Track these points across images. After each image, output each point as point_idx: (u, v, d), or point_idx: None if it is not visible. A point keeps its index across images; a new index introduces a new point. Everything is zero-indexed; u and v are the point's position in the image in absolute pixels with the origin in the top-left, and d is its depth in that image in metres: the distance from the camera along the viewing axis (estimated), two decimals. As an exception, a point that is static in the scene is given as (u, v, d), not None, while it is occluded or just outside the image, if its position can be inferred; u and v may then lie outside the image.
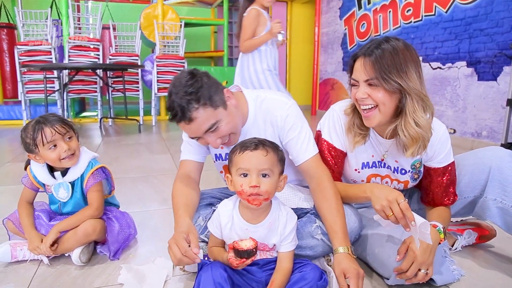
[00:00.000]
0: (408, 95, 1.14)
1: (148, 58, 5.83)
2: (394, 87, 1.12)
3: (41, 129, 1.33)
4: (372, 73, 1.13)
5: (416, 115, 1.14)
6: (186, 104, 1.12)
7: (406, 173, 1.32)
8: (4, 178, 2.64)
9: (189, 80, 1.15)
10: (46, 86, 4.66)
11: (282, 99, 1.34)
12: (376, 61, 1.13)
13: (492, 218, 1.28)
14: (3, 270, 1.35)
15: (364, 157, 1.34)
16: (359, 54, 1.18)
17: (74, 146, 1.39)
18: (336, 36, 6.05)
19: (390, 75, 1.11)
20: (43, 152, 1.35)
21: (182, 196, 1.29)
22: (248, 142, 1.08)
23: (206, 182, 2.43)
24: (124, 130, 4.89)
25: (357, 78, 1.18)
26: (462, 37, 3.71)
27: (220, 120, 1.18)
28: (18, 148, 3.65)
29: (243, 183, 1.04)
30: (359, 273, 1.10)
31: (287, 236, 1.12)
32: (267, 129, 1.33)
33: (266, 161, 1.04)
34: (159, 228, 1.74)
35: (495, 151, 1.30)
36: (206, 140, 1.22)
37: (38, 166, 1.42)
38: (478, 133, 3.61)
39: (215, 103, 1.16)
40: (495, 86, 3.40)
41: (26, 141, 1.36)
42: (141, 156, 3.35)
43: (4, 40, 5.66)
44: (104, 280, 1.29)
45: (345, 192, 1.30)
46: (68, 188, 1.44)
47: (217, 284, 0.99)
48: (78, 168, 1.43)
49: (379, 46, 1.14)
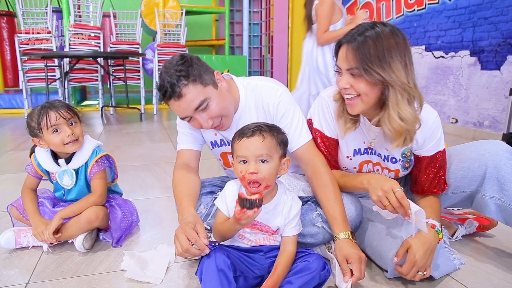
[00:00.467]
0: (391, 87, 1.09)
1: (149, 47, 5.80)
2: (376, 79, 1.08)
3: (46, 113, 1.35)
4: (354, 62, 1.09)
5: (399, 108, 1.10)
6: (176, 81, 1.14)
7: (396, 162, 1.31)
8: (7, 166, 2.65)
9: (180, 61, 1.17)
10: (47, 74, 4.65)
11: (274, 86, 1.34)
12: (357, 50, 1.08)
13: (491, 214, 1.26)
14: (8, 256, 1.37)
15: (355, 144, 1.32)
16: (343, 41, 1.13)
17: (77, 132, 1.40)
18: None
19: (372, 65, 1.07)
20: (47, 136, 1.36)
21: (184, 186, 1.29)
22: (245, 128, 1.09)
23: (209, 171, 2.45)
24: (126, 119, 4.89)
25: (340, 66, 1.15)
26: (465, 25, 3.68)
27: (210, 98, 1.18)
28: (20, 136, 3.66)
29: (242, 170, 1.05)
30: (361, 257, 1.11)
31: (291, 220, 1.13)
32: (260, 116, 1.33)
33: (263, 147, 1.04)
34: (161, 215, 1.75)
35: (493, 146, 1.25)
36: (198, 120, 1.21)
37: (42, 153, 1.44)
38: (480, 123, 3.60)
39: (204, 81, 1.17)
40: (498, 75, 3.37)
41: (31, 124, 1.37)
42: (142, 144, 3.36)
43: (4, 28, 5.63)
44: (107, 266, 1.30)
45: (343, 182, 1.30)
46: (72, 175, 1.45)
47: (220, 271, 0.99)
48: (82, 155, 1.44)
49: (363, 33, 1.09)
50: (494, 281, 1.21)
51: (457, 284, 1.19)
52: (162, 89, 1.16)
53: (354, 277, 1.08)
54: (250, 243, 1.16)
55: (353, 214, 1.27)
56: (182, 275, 1.24)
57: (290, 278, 1.03)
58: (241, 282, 1.10)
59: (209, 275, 1.00)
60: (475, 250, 1.41)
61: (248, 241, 1.16)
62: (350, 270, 1.10)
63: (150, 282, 1.20)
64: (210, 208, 1.34)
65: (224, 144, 1.41)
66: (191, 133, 1.40)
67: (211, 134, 1.40)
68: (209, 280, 0.99)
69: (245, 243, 1.16)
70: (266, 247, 1.14)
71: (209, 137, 1.42)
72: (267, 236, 1.15)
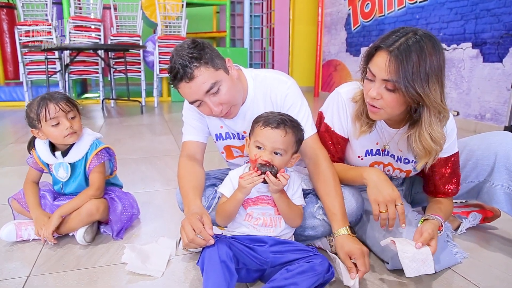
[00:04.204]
0: (426, 107, 1.05)
1: (150, 39, 5.76)
2: (413, 97, 1.02)
3: (46, 104, 1.34)
4: (395, 75, 1.01)
5: (432, 129, 1.07)
6: (188, 62, 1.12)
7: (409, 163, 1.30)
8: (8, 159, 2.65)
9: (191, 44, 1.16)
10: (47, 67, 4.64)
11: (282, 78, 1.33)
12: (401, 64, 0.99)
13: (499, 204, 1.25)
14: (9, 249, 1.37)
15: (368, 144, 1.31)
16: (383, 46, 1.03)
17: (76, 125, 1.40)
18: (340, 17, 5.96)
19: (414, 84, 0.99)
20: (45, 128, 1.36)
21: (190, 179, 1.29)
22: (272, 117, 1.12)
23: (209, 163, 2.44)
24: (126, 112, 4.88)
25: (375, 73, 1.06)
26: (468, 17, 3.64)
27: (221, 82, 1.17)
28: (21, 129, 3.66)
29: (257, 154, 1.11)
30: (363, 251, 1.11)
31: (295, 191, 1.21)
32: (267, 108, 1.32)
33: (283, 142, 1.10)
34: (162, 208, 1.75)
35: (502, 137, 1.26)
36: (208, 104, 1.19)
37: (41, 144, 1.44)
38: (482, 115, 3.59)
39: (216, 65, 1.17)
40: (501, 68, 3.35)
41: (30, 115, 1.37)
42: (143, 137, 3.35)
43: (4, 20, 5.59)
44: (107, 259, 1.30)
45: (344, 174, 1.29)
46: (68, 169, 1.45)
47: (222, 262, 1.00)
48: (80, 149, 1.44)
49: (406, 43, 1.00)
50: (496, 273, 1.21)
51: (459, 277, 1.19)
52: (173, 71, 1.14)
53: (360, 272, 1.09)
54: (258, 222, 1.17)
55: (354, 207, 1.27)
56: (183, 268, 1.25)
57: (295, 279, 1.02)
58: (243, 274, 1.11)
59: (211, 266, 1.00)
60: (478, 243, 1.41)
61: (256, 221, 1.17)
62: (354, 266, 1.10)
63: (151, 275, 1.20)
64: (211, 201, 1.34)
65: (229, 137, 1.40)
66: (197, 124, 1.38)
67: (217, 126, 1.39)
68: (211, 271, 0.99)
69: (252, 223, 1.17)
70: (270, 240, 1.15)
71: (215, 129, 1.41)
72: (274, 215, 1.17)
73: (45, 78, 4.65)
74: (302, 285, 1.01)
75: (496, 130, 3.29)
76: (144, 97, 5.21)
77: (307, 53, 7.43)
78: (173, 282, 1.17)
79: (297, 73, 7.16)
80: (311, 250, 1.14)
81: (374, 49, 1.07)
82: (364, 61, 1.12)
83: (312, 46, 7.06)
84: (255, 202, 1.17)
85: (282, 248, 1.13)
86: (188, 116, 1.40)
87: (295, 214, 1.19)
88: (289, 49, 7.51)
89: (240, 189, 1.11)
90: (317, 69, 6.67)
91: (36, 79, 4.99)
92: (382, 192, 1.12)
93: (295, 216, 1.19)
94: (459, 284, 1.16)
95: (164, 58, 5.25)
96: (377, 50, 1.06)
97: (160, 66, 5.26)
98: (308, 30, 7.40)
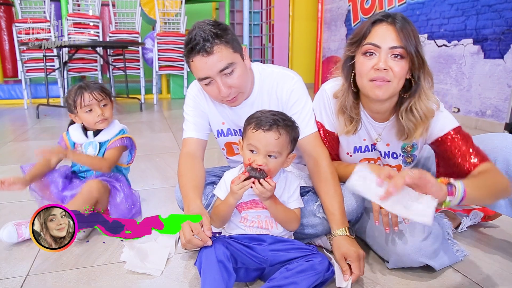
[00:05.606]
0: (422, 73, 1.10)
1: (149, 36, 5.74)
2: (419, 62, 1.08)
3: (81, 93, 1.54)
4: (404, 40, 1.06)
5: (427, 94, 1.13)
6: (210, 37, 1.11)
7: (397, 157, 1.28)
8: (7, 157, 2.64)
9: (215, 23, 1.15)
10: (45, 64, 4.62)
11: (289, 74, 1.33)
12: (406, 30, 1.06)
13: (499, 208, 1.23)
14: (7, 248, 1.36)
15: (356, 141, 1.30)
16: (381, 20, 1.09)
17: (107, 113, 1.59)
18: (340, 13, 5.93)
19: (417, 48, 1.07)
20: (80, 114, 1.56)
21: (191, 177, 1.27)
22: (264, 118, 1.08)
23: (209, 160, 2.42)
24: (126, 109, 4.87)
25: (379, 44, 1.07)
26: (469, 13, 3.62)
27: (237, 65, 1.16)
28: (20, 127, 3.65)
29: (250, 158, 1.08)
30: (359, 254, 1.10)
31: (292, 193, 1.17)
32: (272, 102, 1.31)
33: (276, 144, 1.07)
34: (161, 206, 1.74)
35: (501, 140, 1.19)
36: (218, 84, 1.17)
37: (75, 127, 1.63)
38: (483, 112, 3.57)
39: (235, 47, 1.16)
40: (502, 64, 3.33)
41: (69, 101, 1.56)
42: (143, 134, 3.34)
43: (2, 17, 5.57)
44: (106, 258, 1.30)
45: (344, 172, 1.28)
46: (96, 147, 1.59)
47: (220, 262, 0.99)
48: (109, 132, 1.62)
49: (396, 15, 1.09)
50: (497, 271, 1.21)
51: (459, 275, 1.18)
52: (192, 42, 1.12)
53: (354, 275, 1.07)
54: (253, 224, 1.16)
55: (354, 206, 1.26)
56: (182, 267, 1.24)
57: (295, 278, 1.01)
58: (242, 273, 1.10)
59: (209, 266, 0.99)
60: (478, 241, 1.40)
61: (251, 223, 1.16)
62: (349, 268, 1.09)
63: (150, 273, 1.19)
64: (210, 199, 1.34)
65: (231, 133, 1.39)
66: (198, 121, 1.37)
67: (218, 122, 1.38)
68: (209, 271, 0.99)
69: (248, 225, 1.16)
70: (269, 238, 1.14)
71: (216, 126, 1.40)
72: (269, 218, 1.15)
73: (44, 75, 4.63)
74: (302, 284, 1.00)
75: (497, 126, 3.30)
76: (143, 95, 5.20)
77: (307, 50, 7.41)
78: (172, 281, 1.16)
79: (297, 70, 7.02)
80: (311, 249, 1.13)
81: (370, 26, 1.11)
82: (355, 43, 1.14)
83: (312, 43, 7.03)
84: (249, 206, 1.16)
85: (281, 247, 1.12)
86: (189, 112, 1.38)
87: (290, 218, 1.16)
88: (289, 46, 7.49)
89: (231, 194, 1.09)
90: (317, 65, 6.65)
91: (34, 77, 4.97)
92: None
93: (290, 221, 1.16)
94: (460, 282, 1.15)
95: (163, 55, 5.23)
96: (374, 25, 1.10)
97: (159, 63, 5.24)
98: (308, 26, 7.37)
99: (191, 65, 1.17)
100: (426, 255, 1.13)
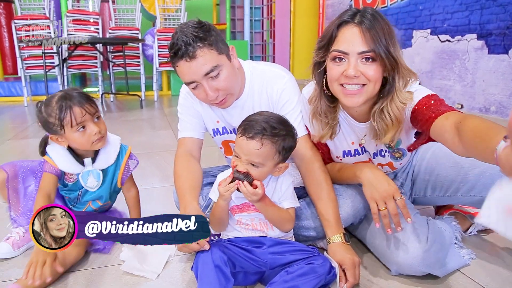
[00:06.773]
0: (397, 72, 1.02)
1: (149, 32, 5.70)
2: (391, 63, 0.99)
3: (69, 108, 1.17)
4: (372, 43, 0.98)
5: (401, 95, 1.03)
6: (191, 40, 1.08)
7: (385, 155, 1.25)
8: (6, 155, 2.62)
9: (197, 24, 1.12)
10: (45, 61, 4.59)
11: (280, 72, 1.29)
12: (374, 30, 0.98)
13: None
14: (2, 250, 1.34)
15: (344, 145, 1.26)
16: (347, 21, 1.02)
17: (103, 128, 1.26)
18: (341, 8, 5.88)
19: (388, 48, 0.98)
20: (70, 134, 1.20)
21: (187, 178, 1.25)
22: (252, 125, 1.03)
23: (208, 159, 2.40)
24: (126, 106, 4.85)
25: (347, 50, 1.01)
26: (473, 8, 3.57)
27: (222, 67, 1.13)
28: (20, 125, 3.63)
29: (234, 162, 1.05)
30: (355, 262, 1.08)
31: (284, 193, 1.12)
32: (262, 101, 1.28)
33: (258, 155, 1.01)
34: (161, 205, 1.72)
35: None
36: (204, 88, 1.14)
37: (59, 151, 1.27)
38: (487, 108, 3.53)
39: (220, 49, 1.13)
40: (506, 59, 3.29)
41: (49, 120, 1.20)
42: (143, 132, 3.32)
43: (1, 14, 5.53)
44: (103, 261, 1.27)
45: (339, 175, 1.25)
46: (99, 176, 1.31)
47: (217, 267, 0.97)
48: (110, 153, 1.32)
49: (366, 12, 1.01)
50: (504, 275, 1.17)
51: (466, 279, 1.15)
52: (175, 47, 1.09)
53: (349, 283, 1.05)
54: (248, 227, 1.13)
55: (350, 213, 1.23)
56: (180, 270, 1.21)
57: (296, 282, 0.98)
58: (241, 277, 1.07)
59: (205, 272, 0.97)
60: (486, 244, 1.36)
61: (246, 226, 1.13)
62: (344, 275, 1.06)
63: (146, 276, 1.17)
64: (209, 200, 1.30)
65: (227, 132, 1.36)
66: (193, 120, 1.34)
67: (213, 121, 1.35)
68: (205, 276, 0.96)
69: (243, 228, 1.13)
70: (269, 240, 1.10)
71: (211, 125, 1.36)
72: (263, 220, 1.12)
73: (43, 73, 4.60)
74: None
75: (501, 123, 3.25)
76: (143, 91, 5.16)
77: (308, 46, 7.35)
78: (169, 284, 1.14)
79: (298, 66, 7.09)
80: (312, 251, 1.10)
81: (335, 29, 1.04)
82: (323, 48, 1.08)
83: (314, 38, 6.97)
84: (241, 209, 1.13)
85: (281, 249, 1.09)
86: (184, 112, 1.35)
87: (283, 219, 1.11)
88: (290, 42, 7.44)
89: (220, 196, 1.07)
90: (319, 61, 6.60)
91: (34, 74, 4.95)
92: (378, 189, 1.07)
93: (283, 222, 1.12)
94: (467, 286, 1.12)
95: (163, 51, 5.19)
96: (340, 27, 1.03)
97: (159, 59, 5.21)
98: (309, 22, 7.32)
99: (176, 69, 1.14)
100: (429, 265, 1.09)
